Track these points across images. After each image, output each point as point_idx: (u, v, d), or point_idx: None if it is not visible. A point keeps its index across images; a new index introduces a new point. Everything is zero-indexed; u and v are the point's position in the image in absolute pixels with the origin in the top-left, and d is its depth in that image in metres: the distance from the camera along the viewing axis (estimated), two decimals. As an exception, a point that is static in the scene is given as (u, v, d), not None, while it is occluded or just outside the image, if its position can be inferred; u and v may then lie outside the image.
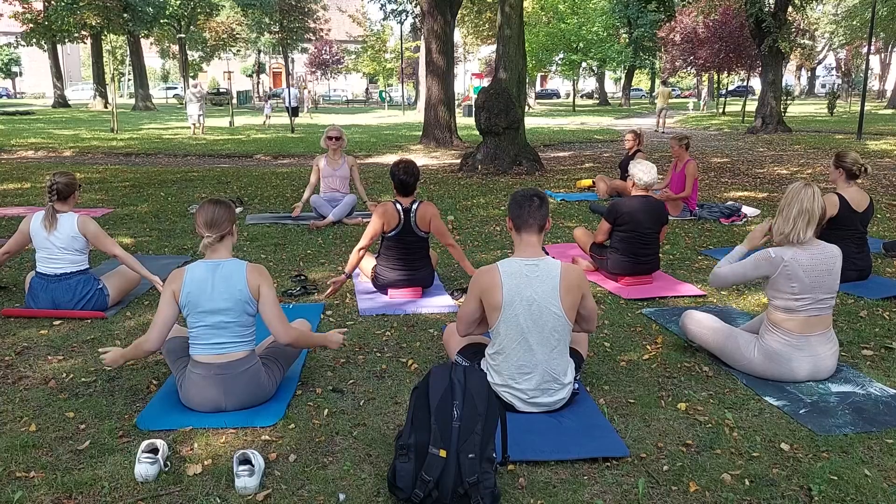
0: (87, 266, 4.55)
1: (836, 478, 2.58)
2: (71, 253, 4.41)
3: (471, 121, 18.64)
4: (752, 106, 27.32)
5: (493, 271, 3.01)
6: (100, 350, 3.39)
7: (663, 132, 22.32)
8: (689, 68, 35.31)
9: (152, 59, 54.72)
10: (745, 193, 9.66)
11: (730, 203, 8.14)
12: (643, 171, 5.09)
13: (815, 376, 3.42)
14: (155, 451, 2.62)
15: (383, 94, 51.52)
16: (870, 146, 16.18)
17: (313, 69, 54.84)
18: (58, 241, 4.37)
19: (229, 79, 29.27)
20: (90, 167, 12.90)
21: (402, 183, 4.73)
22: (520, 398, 3.02)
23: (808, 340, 3.37)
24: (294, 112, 26.10)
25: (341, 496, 2.47)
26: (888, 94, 43.34)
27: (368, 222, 4.82)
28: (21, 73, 60.63)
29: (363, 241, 4.79)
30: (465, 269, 5.01)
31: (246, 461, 2.54)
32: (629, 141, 9.06)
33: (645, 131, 13.46)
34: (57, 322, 4.30)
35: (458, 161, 12.92)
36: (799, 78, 64.64)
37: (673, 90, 60.34)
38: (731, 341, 3.56)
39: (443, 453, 2.36)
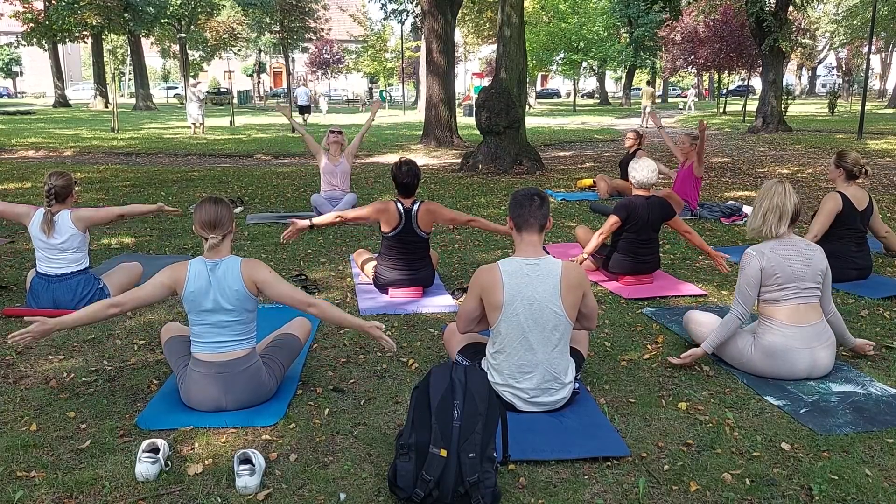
0: (88, 265, 4.56)
1: (836, 477, 2.58)
2: (71, 252, 4.42)
3: (471, 120, 18.63)
4: (752, 105, 27.30)
5: (494, 270, 3.01)
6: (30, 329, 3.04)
7: (646, 127, 23.66)
8: (689, 68, 35.30)
9: (153, 58, 54.73)
10: (746, 193, 9.65)
11: (730, 202, 8.15)
12: (636, 170, 5.07)
13: (814, 372, 3.43)
14: (156, 450, 2.62)
15: (384, 93, 51.51)
16: (870, 145, 16.18)
17: (314, 69, 54.83)
18: (56, 242, 4.39)
19: (230, 78, 29.26)
20: (91, 167, 12.90)
21: (403, 183, 4.74)
22: (520, 397, 3.02)
23: (802, 331, 3.40)
24: (306, 111, 26.12)
25: (342, 496, 2.47)
26: (889, 94, 43.30)
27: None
28: (22, 73, 60.70)
29: (348, 213, 4.95)
30: (498, 231, 5.05)
31: (247, 460, 2.54)
32: (630, 140, 9.07)
33: (645, 131, 13.48)
34: (58, 321, 4.29)
35: (459, 160, 12.92)
36: (800, 77, 64.56)
37: (673, 89, 60.50)
38: (731, 341, 3.58)
39: (443, 453, 2.37)
